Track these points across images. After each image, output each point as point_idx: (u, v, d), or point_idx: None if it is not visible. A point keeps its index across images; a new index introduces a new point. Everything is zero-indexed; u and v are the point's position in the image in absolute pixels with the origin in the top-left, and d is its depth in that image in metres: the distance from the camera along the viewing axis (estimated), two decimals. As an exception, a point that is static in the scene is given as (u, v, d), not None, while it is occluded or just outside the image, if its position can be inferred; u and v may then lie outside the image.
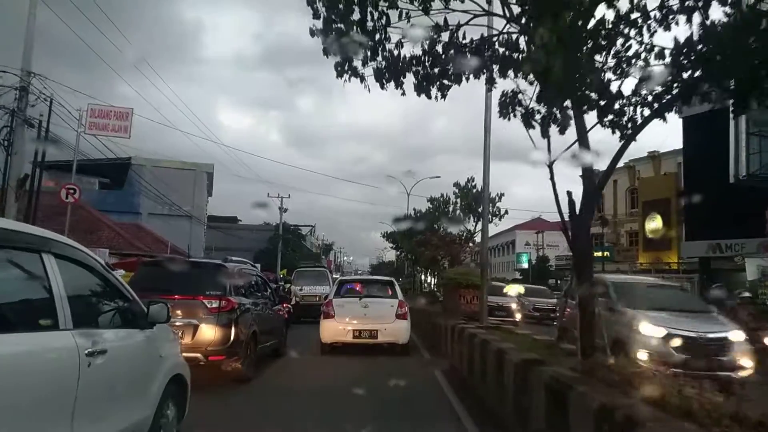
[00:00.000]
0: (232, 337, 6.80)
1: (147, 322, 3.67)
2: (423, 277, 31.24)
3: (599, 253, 36.54)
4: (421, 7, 4.38)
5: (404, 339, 10.15)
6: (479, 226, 19.03)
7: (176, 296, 6.76)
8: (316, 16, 4.46)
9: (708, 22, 3.89)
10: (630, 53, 4.30)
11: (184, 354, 6.51)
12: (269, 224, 41.94)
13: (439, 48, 4.76)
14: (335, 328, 10.07)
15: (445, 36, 4.67)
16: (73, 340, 2.76)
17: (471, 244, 20.83)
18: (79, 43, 28.22)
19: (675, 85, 4.23)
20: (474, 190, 20.61)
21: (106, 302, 3.47)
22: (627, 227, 35.10)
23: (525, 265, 47.87)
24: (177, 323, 6.53)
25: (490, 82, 5.02)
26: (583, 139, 4.48)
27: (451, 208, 21.97)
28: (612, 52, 4.29)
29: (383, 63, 4.69)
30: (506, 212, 20.33)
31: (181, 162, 35.21)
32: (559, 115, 4.57)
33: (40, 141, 14.05)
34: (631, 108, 4.53)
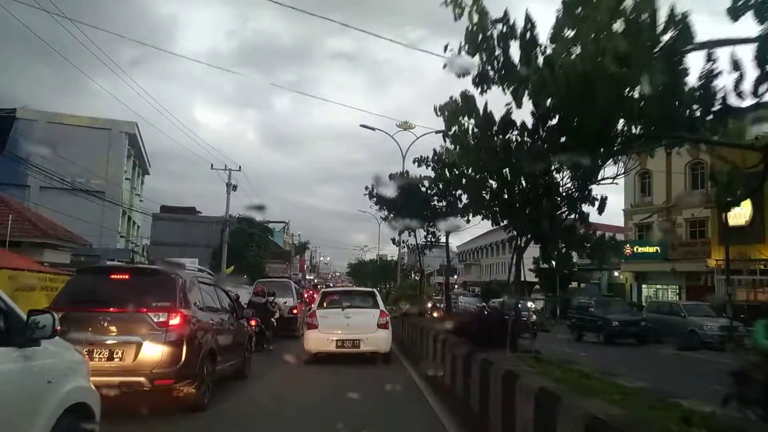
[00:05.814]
0: (183, 357, 7.08)
1: (26, 338, 3.65)
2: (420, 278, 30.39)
3: (646, 249, 37.21)
4: None
5: (386, 348, 12.92)
6: None
7: (113, 309, 7.08)
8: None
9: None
10: None
11: (125, 378, 6.74)
12: (232, 216, 41.86)
13: None
14: (319, 339, 12.71)
15: None
16: None
17: None
18: (53, 35, 26.22)
19: None
20: None
21: None
22: (687, 214, 35.37)
23: (544, 264, 48.30)
24: (111, 341, 6.87)
25: None
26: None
27: None
28: None
29: None
30: None
31: (91, 119, 34.37)
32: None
33: None
34: None
